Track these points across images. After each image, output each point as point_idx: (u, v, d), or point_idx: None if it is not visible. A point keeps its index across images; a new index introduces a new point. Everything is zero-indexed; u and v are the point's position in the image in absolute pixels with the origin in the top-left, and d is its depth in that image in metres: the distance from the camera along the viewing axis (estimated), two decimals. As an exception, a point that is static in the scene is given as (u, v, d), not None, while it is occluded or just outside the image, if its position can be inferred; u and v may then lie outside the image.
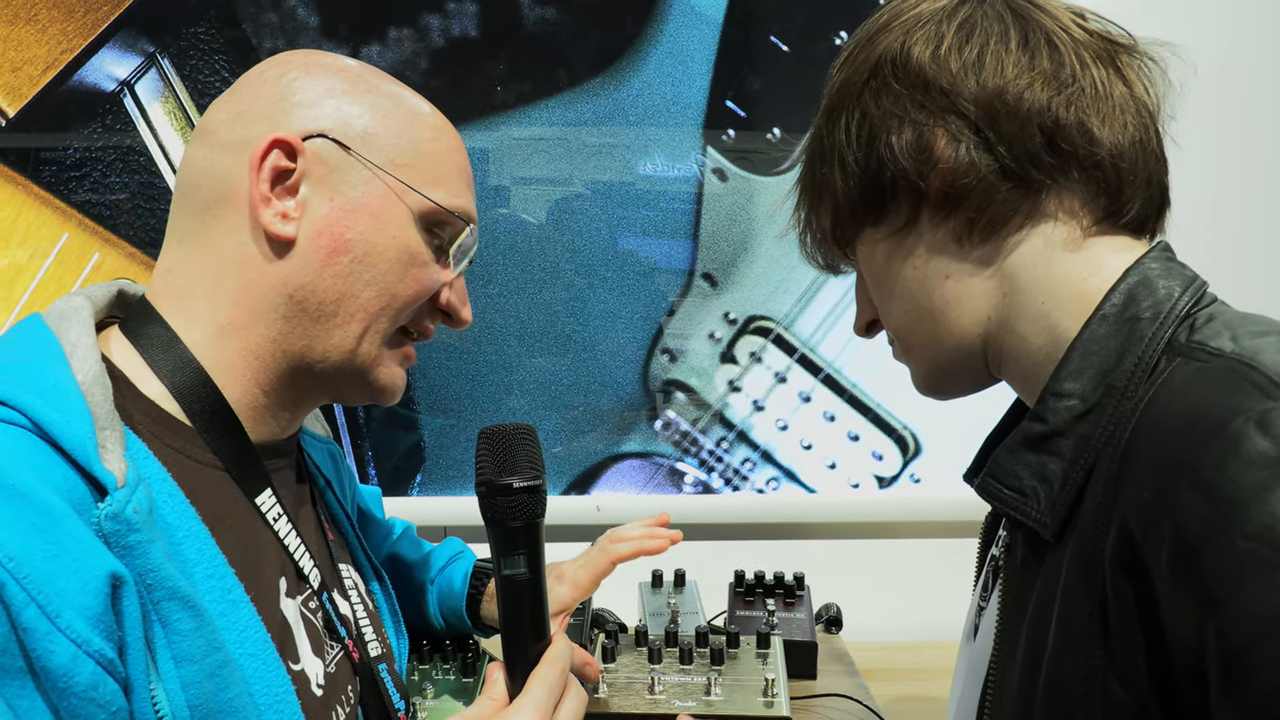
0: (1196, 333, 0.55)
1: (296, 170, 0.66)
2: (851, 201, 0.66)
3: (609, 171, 1.44)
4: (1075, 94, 0.60)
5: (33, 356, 0.59)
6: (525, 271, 1.45)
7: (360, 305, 0.68)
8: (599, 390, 1.48)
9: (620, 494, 1.50)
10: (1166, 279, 0.59)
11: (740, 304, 1.47)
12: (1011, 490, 0.62)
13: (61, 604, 0.50)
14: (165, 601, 0.56)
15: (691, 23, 1.42)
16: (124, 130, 1.40)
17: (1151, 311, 0.58)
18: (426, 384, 1.47)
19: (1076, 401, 0.58)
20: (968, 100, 0.61)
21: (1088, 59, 0.61)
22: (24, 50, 1.37)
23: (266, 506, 0.69)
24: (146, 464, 0.61)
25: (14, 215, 1.40)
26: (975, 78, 0.61)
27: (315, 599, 0.72)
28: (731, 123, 1.44)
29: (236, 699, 0.59)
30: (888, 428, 1.49)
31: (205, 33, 1.39)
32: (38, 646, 0.49)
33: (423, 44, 1.40)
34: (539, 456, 0.68)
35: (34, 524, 0.51)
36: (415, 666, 1.10)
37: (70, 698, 0.50)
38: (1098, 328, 0.59)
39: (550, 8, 1.41)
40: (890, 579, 1.48)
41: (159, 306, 0.68)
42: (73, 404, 0.56)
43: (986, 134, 0.61)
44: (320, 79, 0.69)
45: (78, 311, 0.63)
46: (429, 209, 0.71)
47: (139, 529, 0.55)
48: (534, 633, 0.68)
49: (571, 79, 1.42)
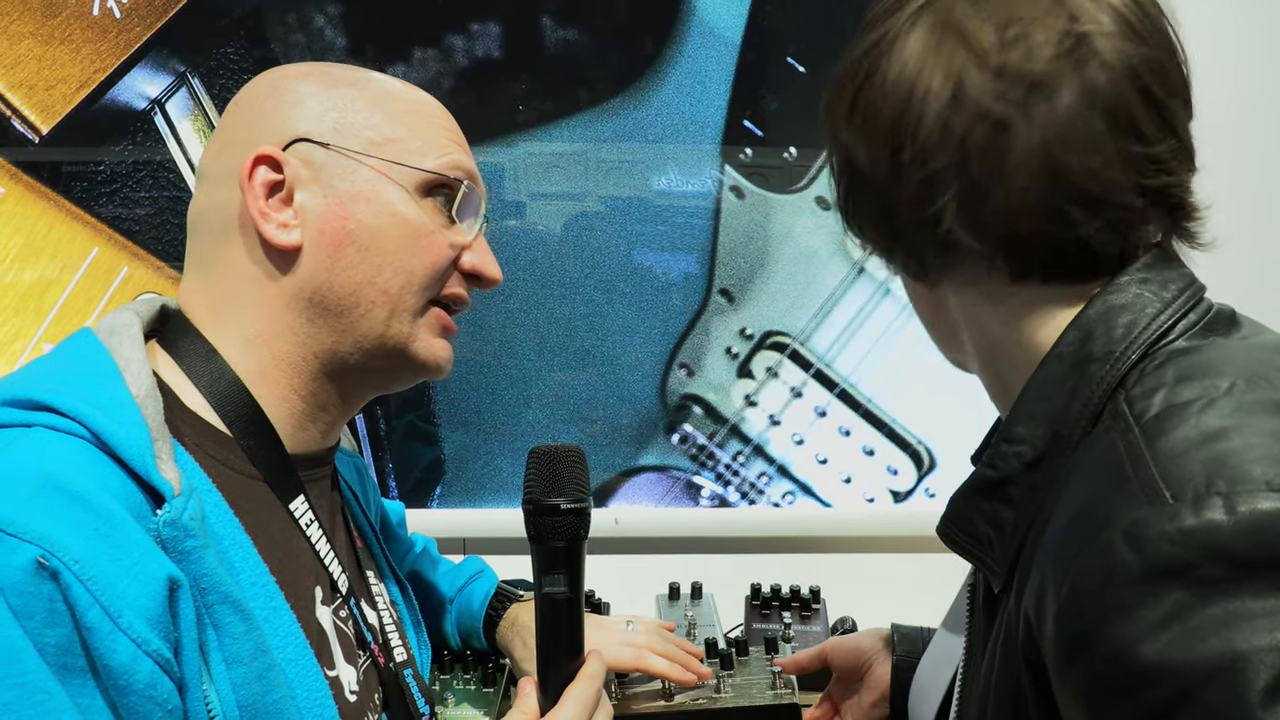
0: (1140, 382, 0.52)
1: (285, 179, 0.68)
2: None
3: (627, 188, 1.47)
4: (951, 197, 0.55)
5: (89, 371, 0.61)
6: (545, 286, 1.48)
7: (379, 289, 0.70)
8: (617, 404, 1.50)
9: (638, 507, 1.51)
10: (1138, 301, 0.54)
11: (757, 320, 1.49)
12: (967, 535, 0.60)
13: (123, 605, 0.52)
14: (218, 605, 0.58)
15: (710, 44, 1.44)
16: (154, 147, 1.43)
17: (1104, 351, 0.54)
18: (447, 397, 1.49)
19: (1026, 448, 0.56)
20: (861, 160, 0.59)
21: (977, 116, 0.54)
22: (58, 69, 1.40)
23: (299, 513, 0.70)
24: (194, 474, 0.63)
25: (45, 229, 1.43)
26: (863, 139, 0.59)
27: (346, 607, 0.74)
28: (749, 141, 1.46)
29: (281, 701, 0.60)
30: (903, 443, 1.51)
31: (235, 52, 1.42)
32: (100, 646, 0.51)
33: (447, 64, 1.43)
34: (586, 479, 0.69)
35: (97, 529, 0.53)
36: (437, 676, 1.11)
37: (130, 695, 0.52)
38: (1052, 369, 0.56)
39: (571, 29, 1.43)
40: (905, 593, 1.49)
41: (194, 320, 0.70)
42: (130, 416, 0.58)
43: (876, 198, 0.60)
44: (286, 89, 0.71)
45: (128, 327, 0.66)
46: (421, 178, 0.71)
47: (194, 535, 0.57)
48: (569, 650, 0.69)
49: (592, 98, 1.45)
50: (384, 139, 0.71)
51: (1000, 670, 0.56)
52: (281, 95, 0.71)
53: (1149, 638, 0.43)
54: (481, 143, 1.44)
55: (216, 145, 0.72)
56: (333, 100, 0.71)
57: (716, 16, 1.44)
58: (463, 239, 0.74)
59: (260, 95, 0.72)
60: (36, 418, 0.58)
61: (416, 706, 0.78)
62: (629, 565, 1.48)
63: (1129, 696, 0.44)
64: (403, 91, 0.75)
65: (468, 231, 0.74)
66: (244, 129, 0.70)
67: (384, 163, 0.70)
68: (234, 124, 0.72)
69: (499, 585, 1.07)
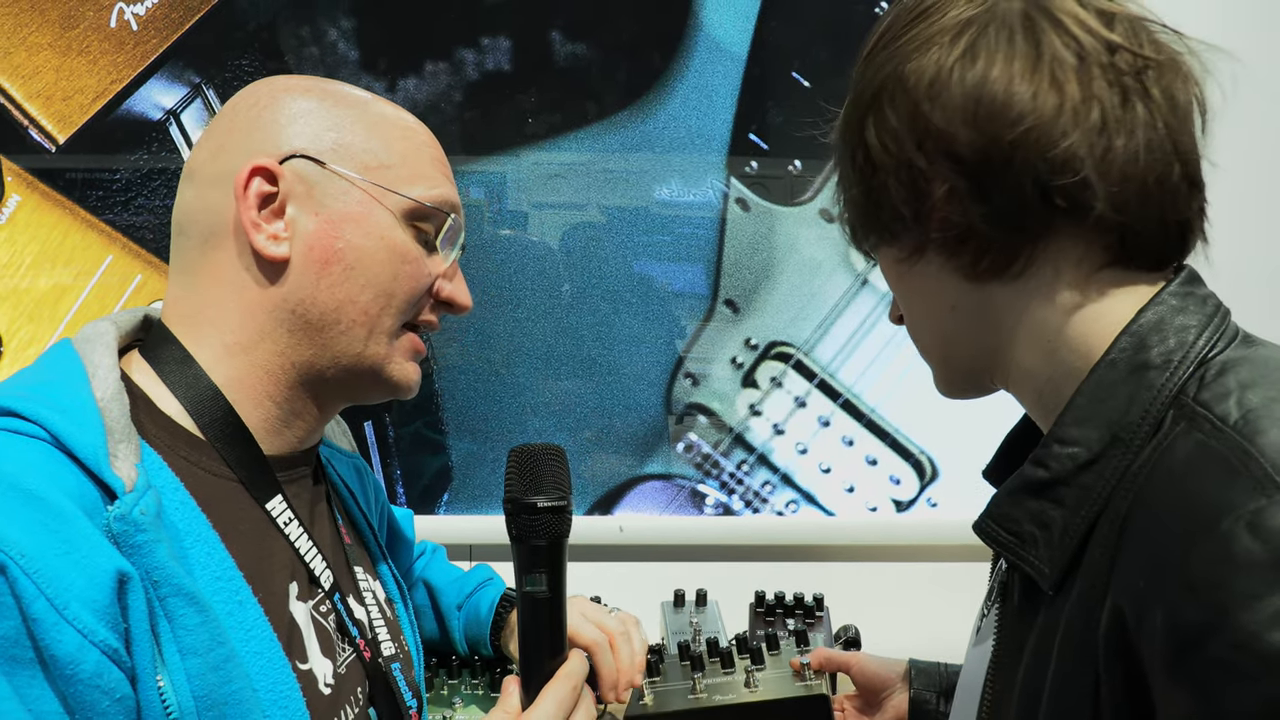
0: (1205, 389, 0.54)
1: (279, 193, 0.70)
2: (861, 224, 0.67)
3: (634, 200, 1.49)
4: (1078, 139, 0.56)
5: (57, 377, 0.65)
6: (552, 296, 1.49)
7: (360, 309, 0.72)
8: (622, 413, 1.51)
9: (642, 515, 1.52)
10: (1182, 317, 0.57)
11: (761, 330, 1.51)
12: (1010, 534, 0.61)
13: (69, 597, 0.54)
14: (171, 597, 0.60)
15: (716, 58, 1.47)
16: (169, 157, 1.45)
17: (1162, 359, 0.56)
18: (454, 405, 1.50)
19: (1080, 449, 0.57)
20: (962, 144, 0.58)
21: (1102, 84, 0.57)
22: (75, 80, 1.43)
23: (277, 512, 0.72)
24: (160, 474, 0.65)
25: (61, 237, 1.45)
26: (972, 120, 0.58)
27: (327, 602, 0.75)
28: (754, 154, 1.48)
29: (240, 692, 0.62)
30: (905, 452, 1.52)
31: (249, 64, 1.44)
32: (46, 636, 0.53)
33: (458, 77, 1.45)
34: (566, 478, 0.70)
35: (46, 524, 0.55)
36: (445, 681, 1.12)
37: (77, 684, 0.54)
38: (1106, 374, 0.57)
39: (580, 43, 1.46)
40: (907, 601, 1.50)
41: (173, 329, 0.72)
42: (87, 418, 0.61)
43: (980, 181, 0.58)
44: (287, 102, 0.73)
45: (101, 336, 0.68)
46: (410, 206, 0.73)
47: (145, 529, 0.59)
48: (550, 649, 0.70)
49: (600, 111, 1.47)
50: (379, 164, 0.73)
51: (1061, 670, 0.56)
52: (281, 107, 0.73)
53: (1277, 625, 0.44)
54: (490, 154, 1.46)
55: (209, 147, 0.73)
56: (332, 120, 0.73)
57: (723, 31, 1.46)
58: (439, 267, 0.77)
59: (259, 104, 0.73)
60: (1, 422, 0.61)
61: (403, 700, 0.79)
62: (633, 573, 1.50)
63: (1256, 682, 0.45)
64: (397, 118, 0.77)
65: (445, 260, 0.77)
66: (240, 136, 0.72)
67: (377, 188, 0.72)
68: (229, 129, 0.73)
69: (505, 591, 1.08)
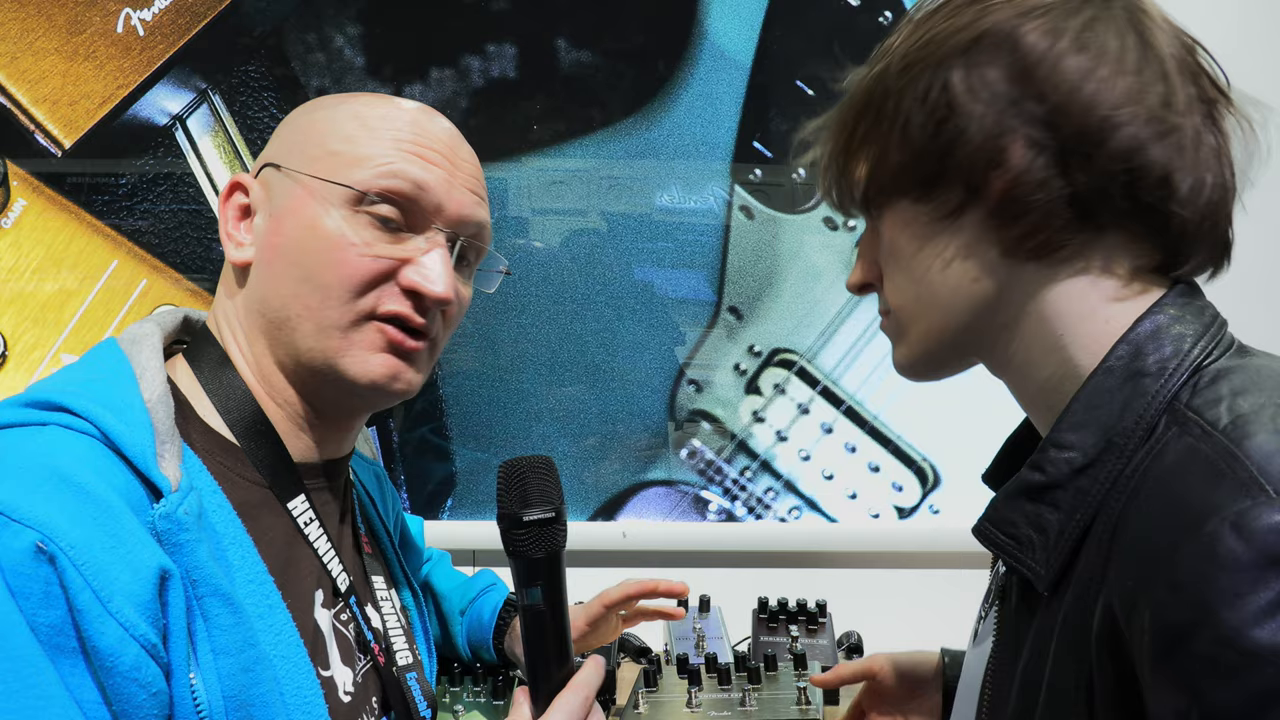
0: (1198, 395, 0.55)
1: (250, 203, 0.73)
2: (899, 171, 0.62)
3: (639, 207, 1.49)
4: (1173, 141, 0.56)
5: (106, 376, 0.65)
6: (557, 303, 1.50)
7: (302, 303, 0.70)
8: (626, 419, 1.52)
9: (645, 520, 1.53)
10: (1179, 326, 0.58)
11: (765, 337, 1.52)
12: (1007, 537, 0.61)
13: (114, 590, 0.55)
14: (208, 597, 0.61)
15: (721, 67, 1.47)
16: (175, 162, 1.45)
17: (1157, 366, 0.57)
18: (459, 411, 1.51)
19: (1076, 454, 0.58)
20: (1065, 114, 0.56)
21: (1191, 102, 0.57)
22: (82, 85, 1.43)
23: (298, 512, 0.72)
24: (200, 477, 0.66)
25: (66, 241, 1.45)
26: (1081, 92, 0.56)
27: (348, 611, 0.76)
28: (758, 162, 1.49)
29: (267, 694, 0.63)
30: (908, 459, 1.53)
31: (255, 70, 1.45)
32: (90, 627, 0.54)
33: (463, 84, 1.46)
34: (555, 489, 0.69)
35: (95, 519, 0.56)
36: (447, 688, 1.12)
37: (115, 676, 0.55)
38: (1103, 380, 0.58)
39: (585, 51, 1.46)
40: (909, 608, 1.50)
41: (214, 332, 0.74)
42: (137, 417, 0.62)
43: (1070, 157, 0.56)
44: (286, 119, 0.76)
45: (148, 337, 0.69)
46: (344, 193, 0.70)
47: (188, 529, 0.60)
48: (556, 660, 0.70)
49: (605, 119, 1.47)
50: (323, 154, 0.72)
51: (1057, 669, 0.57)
52: (280, 126, 0.77)
53: (1260, 622, 0.46)
54: (495, 161, 1.47)
55: None
56: (302, 123, 0.75)
57: (728, 40, 1.47)
58: (401, 252, 0.71)
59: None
60: (53, 417, 0.62)
61: (418, 709, 0.80)
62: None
63: (1238, 678, 0.46)
64: (373, 106, 0.74)
65: (411, 246, 0.71)
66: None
67: (314, 179, 0.71)
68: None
69: (509, 596, 1.08)
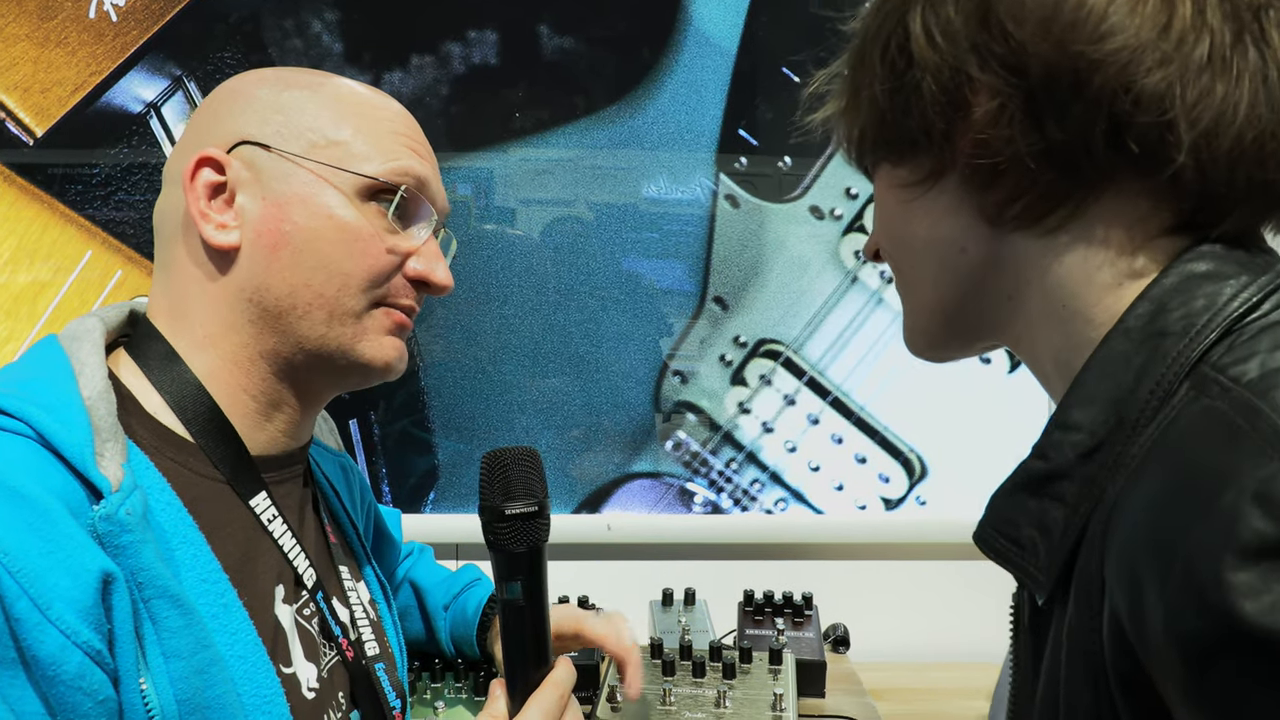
0: (1232, 351, 0.44)
1: (228, 181, 0.70)
2: (872, 133, 0.55)
3: (623, 196, 1.48)
4: (1174, 72, 0.46)
5: (43, 373, 0.63)
6: (540, 293, 1.48)
7: (315, 293, 0.69)
8: (611, 411, 1.50)
9: (630, 513, 1.52)
10: (1215, 278, 0.47)
11: (750, 327, 1.50)
12: (1009, 541, 0.52)
13: (53, 597, 0.53)
14: (155, 599, 0.59)
15: (706, 53, 1.45)
16: (149, 150, 1.43)
17: (1182, 324, 0.46)
18: (440, 404, 1.49)
19: (1084, 436, 0.48)
20: (1030, 55, 0.47)
21: (1218, 13, 0.46)
22: (54, 72, 1.40)
23: (261, 509, 0.71)
24: (146, 474, 0.64)
25: (39, 232, 1.42)
26: (1048, 26, 0.47)
27: (312, 604, 0.74)
28: (744, 150, 1.47)
29: (224, 696, 0.61)
30: (894, 451, 1.52)
31: (231, 57, 1.42)
32: (29, 636, 0.53)
33: (444, 71, 1.43)
34: (539, 481, 0.68)
35: (30, 523, 0.54)
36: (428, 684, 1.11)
37: (59, 685, 0.53)
38: (1118, 344, 0.48)
39: (568, 37, 1.44)
40: (896, 600, 1.50)
41: (157, 325, 0.71)
42: (74, 416, 0.60)
43: (1040, 104, 0.47)
44: (240, 92, 0.73)
45: (89, 332, 0.67)
46: (361, 183, 0.71)
47: (131, 530, 0.58)
48: (534, 656, 0.69)
49: (588, 106, 1.45)
50: (327, 142, 0.71)
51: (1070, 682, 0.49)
52: (233, 98, 0.72)
53: None
54: (477, 149, 1.45)
55: (177, 148, 0.73)
56: (281, 103, 0.72)
57: (713, 27, 1.45)
58: (408, 244, 0.73)
59: (219, 99, 0.73)
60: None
61: (387, 701, 0.79)
62: (622, 571, 1.49)
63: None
64: (358, 94, 0.74)
65: (414, 237, 0.73)
66: (199, 132, 0.72)
67: (323, 166, 0.70)
68: (193, 127, 0.73)
69: (493, 591, 1.07)
